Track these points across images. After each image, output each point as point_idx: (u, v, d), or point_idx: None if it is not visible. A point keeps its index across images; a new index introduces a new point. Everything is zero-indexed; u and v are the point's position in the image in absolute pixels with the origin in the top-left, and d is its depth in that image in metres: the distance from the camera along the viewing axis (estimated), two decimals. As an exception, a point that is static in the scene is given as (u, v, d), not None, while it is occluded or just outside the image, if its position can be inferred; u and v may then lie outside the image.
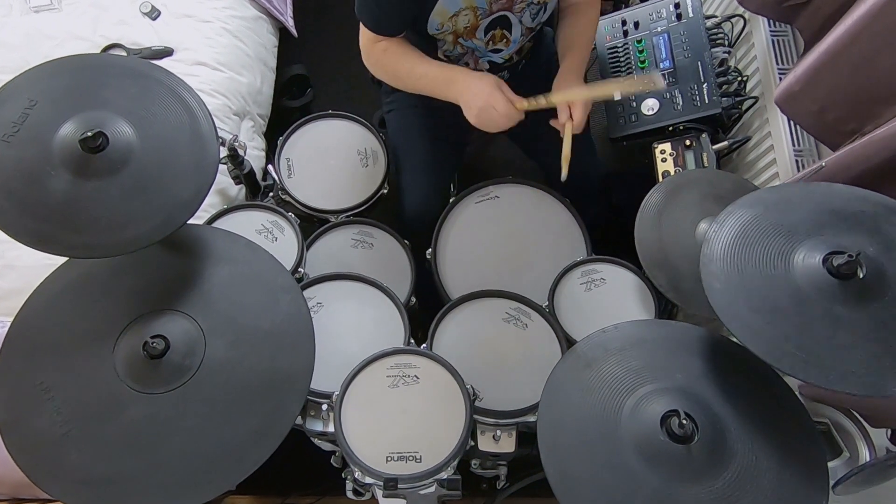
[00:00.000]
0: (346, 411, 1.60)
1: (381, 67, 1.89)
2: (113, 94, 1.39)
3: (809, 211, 1.28)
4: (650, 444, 1.17)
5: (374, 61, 1.88)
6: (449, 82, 1.78)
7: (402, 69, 1.85)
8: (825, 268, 1.16)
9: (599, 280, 1.92)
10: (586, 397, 1.27)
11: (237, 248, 1.52)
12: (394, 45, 1.84)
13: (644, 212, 1.73)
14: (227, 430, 1.30)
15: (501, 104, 1.69)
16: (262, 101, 2.65)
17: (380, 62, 1.87)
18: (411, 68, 1.84)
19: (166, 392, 1.31)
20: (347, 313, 1.86)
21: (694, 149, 1.96)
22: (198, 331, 1.37)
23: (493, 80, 1.73)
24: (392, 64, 1.86)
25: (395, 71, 1.87)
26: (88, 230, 1.29)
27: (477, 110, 1.72)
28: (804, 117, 1.69)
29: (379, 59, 1.86)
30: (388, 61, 1.86)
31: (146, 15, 2.44)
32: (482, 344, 1.81)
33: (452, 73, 1.80)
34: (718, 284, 1.21)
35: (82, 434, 1.28)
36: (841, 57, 1.52)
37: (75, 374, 1.33)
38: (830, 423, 1.51)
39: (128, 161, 1.33)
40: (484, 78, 1.74)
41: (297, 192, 2.09)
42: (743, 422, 1.20)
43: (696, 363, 1.31)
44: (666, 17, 2.18)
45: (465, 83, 1.75)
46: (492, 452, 1.69)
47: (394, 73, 1.88)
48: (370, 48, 1.85)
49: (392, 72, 1.88)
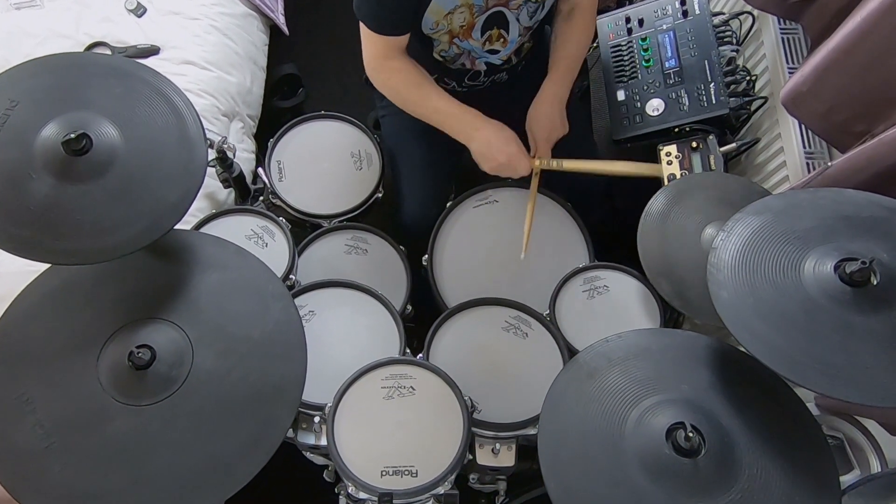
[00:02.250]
0: (340, 424, 1.60)
1: (390, 88, 1.91)
2: (97, 94, 1.39)
3: (820, 217, 1.28)
4: (655, 458, 1.17)
5: (384, 80, 1.90)
6: (466, 127, 1.86)
7: (413, 95, 1.90)
8: (837, 275, 1.16)
9: (602, 287, 1.92)
10: (589, 409, 1.27)
11: (226, 255, 1.52)
12: (407, 68, 1.85)
13: (648, 217, 1.73)
14: (215, 443, 1.30)
15: (524, 166, 1.86)
16: (252, 101, 2.65)
17: (389, 82, 1.89)
18: (425, 99, 1.89)
19: (152, 404, 1.30)
20: (340, 322, 1.86)
21: (701, 151, 1.96)
22: (185, 340, 1.37)
23: (514, 137, 1.83)
24: (403, 89, 1.90)
25: (406, 96, 1.91)
26: (71, 235, 1.29)
27: (497, 165, 1.84)
28: (812, 118, 1.69)
29: (389, 79, 1.88)
30: (399, 85, 1.89)
31: (131, 12, 2.45)
32: (480, 354, 1.81)
33: (471, 119, 1.85)
34: (726, 294, 1.22)
35: (65, 448, 1.27)
36: (849, 55, 1.52)
37: (58, 386, 1.32)
38: (844, 437, 1.51)
39: (112, 164, 1.33)
40: (503, 132, 1.85)
41: (288, 195, 2.09)
42: (752, 435, 1.20)
43: (703, 374, 1.31)
44: (671, 14, 2.18)
45: (485, 136, 1.84)
46: (491, 466, 1.69)
47: (404, 98, 1.91)
48: (381, 65, 1.86)
49: (402, 96, 1.91)
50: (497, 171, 1.86)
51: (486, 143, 1.83)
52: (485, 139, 1.83)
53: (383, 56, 1.83)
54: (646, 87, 2.11)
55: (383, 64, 1.84)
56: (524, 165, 1.84)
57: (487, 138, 1.82)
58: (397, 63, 1.84)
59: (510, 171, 1.86)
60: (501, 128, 1.85)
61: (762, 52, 2.07)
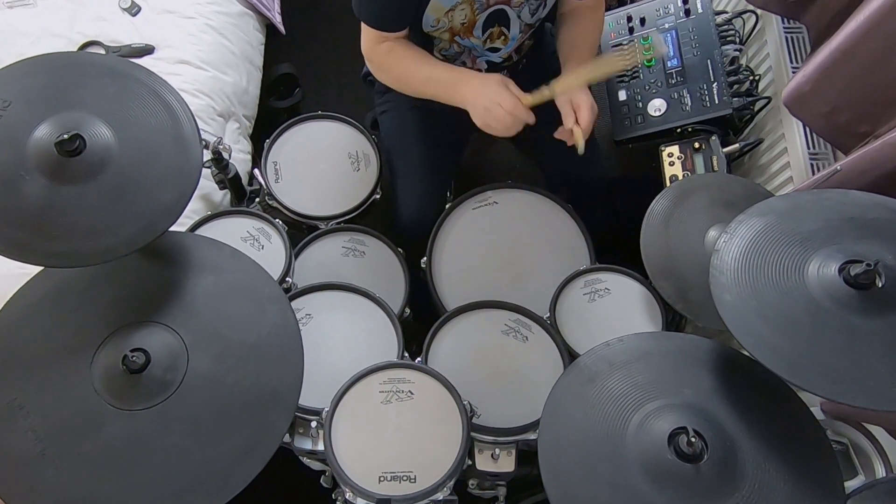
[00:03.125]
0: (337, 429, 1.60)
1: (385, 70, 1.90)
2: (91, 94, 1.39)
3: (824, 219, 1.28)
4: (657, 464, 1.17)
5: (378, 64, 1.89)
6: (456, 84, 1.79)
7: (406, 72, 1.87)
8: (842, 277, 1.16)
9: (603, 290, 1.92)
10: (590, 414, 1.27)
11: (222, 257, 1.52)
12: (398, 47, 1.84)
13: (650, 218, 1.74)
14: (210, 448, 1.30)
15: (508, 101, 1.68)
16: (247, 101, 2.65)
17: (383, 65, 1.88)
18: (416, 70, 1.85)
19: (147, 408, 1.30)
20: (338, 325, 1.86)
21: (703, 152, 1.96)
22: (180, 344, 1.37)
23: (499, 77, 1.73)
24: (396, 66, 1.87)
25: (399, 74, 1.88)
26: (65, 238, 1.29)
27: (483, 110, 1.70)
28: (814, 119, 1.69)
29: (382, 62, 1.87)
30: (392, 64, 1.86)
31: (126, 11, 2.45)
32: (480, 357, 1.81)
33: (459, 75, 1.80)
34: (729, 297, 1.22)
35: (59, 453, 1.27)
36: (853, 55, 1.52)
37: (51, 390, 1.32)
38: (849, 443, 1.51)
39: (106, 165, 1.33)
40: (490, 77, 1.74)
41: (284, 197, 2.09)
42: (755, 440, 1.20)
43: (706, 378, 1.31)
44: (674, 12, 2.18)
45: (472, 84, 1.75)
46: (490, 472, 1.69)
47: (398, 76, 1.90)
48: (373, 50, 1.85)
49: (396, 75, 1.90)
50: (486, 117, 1.70)
51: (473, 89, 1.74)
52: (472, 86, 1.74)
53: (376, 41, 1.83)
54: (647, 86, 2.12)
55: (376, 48, 1.84)
56: (508, 101, 1.67)
57: (474, 85, 1.74)
58: (388, 44, 1.83)
59: (498, 112, 1.68)
60: (490, 74, 1.77)
61: (766, 51, 2.07)
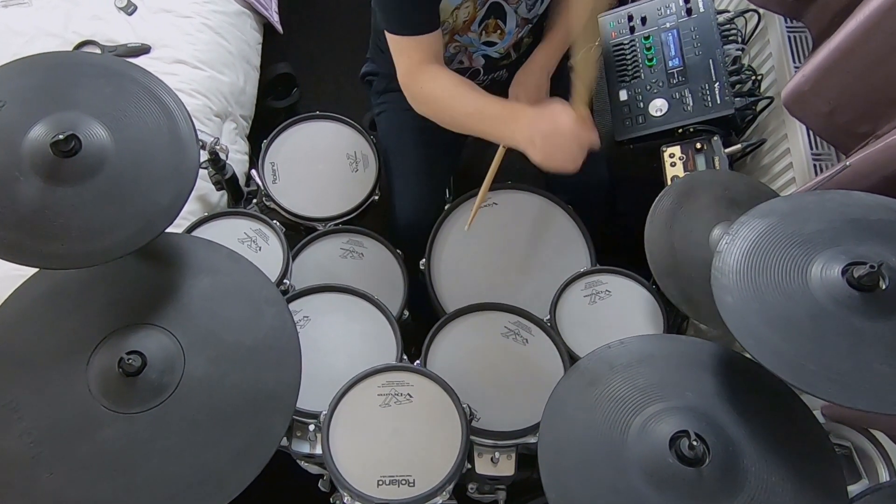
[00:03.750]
0: (335, 432, 1.60)
1: (429, 97, 1.78)
2: (86, 94, 1.39)
3: (827, 220, 1.28)
4: (658, 467, 1.17)
5: (419, 90, 1.77)
6: (508, 117, 1.65)
7: (451, 101, 1.73)
8: (845, 279, 1.16)
9: (604, 292, 1.92)
10: (590, 417, 1.27)
11: (218, 259, 1.52)
12: (444, 73, 1.74)
13: (654, 215, 1.73)
14: (207, 452, 1.30)
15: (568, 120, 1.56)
16: (245, 101, 2.65)
17: (425, 89, 1.76)
18: (463, 101, 1.71)
19: (143, 412, 1.30)
20: (336, 328, 1.86)
21: (705, 152, 1.96)
22: (176, 346, 1.37)
23: (554, 105, 1.59)
24: (441, 94, 1.74)
25: (444, 103, 1.75)
26: (60, 239, 1.29)
27: (541, 139, 1.56)
28: (814, 119, 1.69)
29: (424, 87, 1.75)
30: (438, 91, 1.74)
31: (122, 10, 2.45)
32: (479, 360, 1.81)
33: (513, 108, 1.69)
34: (731, 298, 1.22)
35: (54, 456, 1.27)
36: (853, 55, 1.52)
37: (46, 393, 1.32)
38: (853, 446, 1.51)
39: (102, 166, 1.32)
40: (549, 107, 1.60)
41: (282, 198, 2.09)
42: (757, 443, 1.20)
43: (708, 381, 1.31)
44: (675, 12, 2.18)
45: (527, 114, 1.61)
46: (490, 476, 1.69)
47: (442, 105, 1.76)
48: (415, 76, 1.74)
49: (440, 105, 1.77)
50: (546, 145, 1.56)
51: (529, 119, 1.59)
52: (529, 117, 1.59)
53: (418, 62, 1.73)
54: (649, 86, 2.12)
55: (418, 73, 1.74)
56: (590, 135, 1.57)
57: (531, 115, 1.59)
58: (435, 69, 1.74)
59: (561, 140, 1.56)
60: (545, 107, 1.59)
61: (768, 50, 2.07)
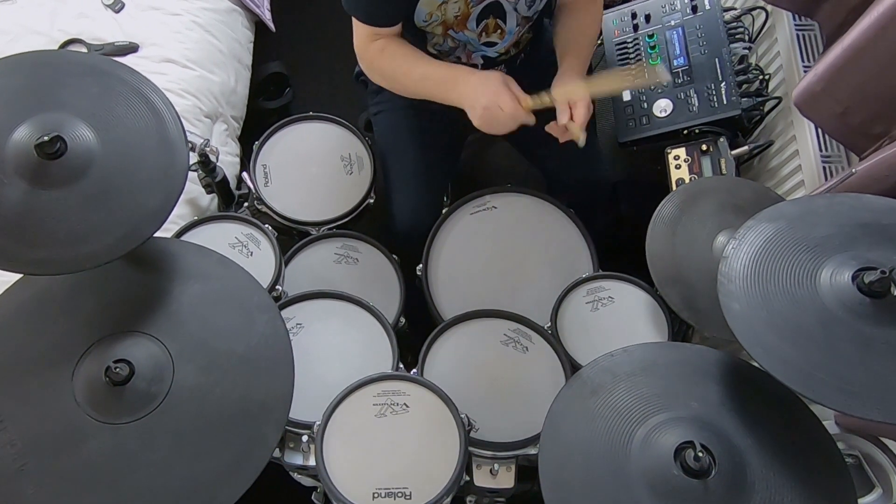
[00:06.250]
0: (329, 443, 1.60)
1: (378, 70, 1.89)
2: (72, 94, 1.39)
3: (837, 224, 1.28)
4: (663, 479, 1.17)
5: (370, 63, 1.88)
6: (453, 82, 1.77)
7: (399, 71, 1.85)
8: (855, 285, 1.16)
9: (607, 299, 1.92)
10: (592, 428, 1.27)
11: (209, 264, 1.52)
12: (392, 45, 1.83)
13: (657, 223, 1.74)
14: (197, 464, 1.30)
15: (508, 103, 1.67)
16: (236, 101, 2.65)
17: (375, 63, 1.87)
18: (410, 69, 1.84)
19: (131, 422, 1.30)
20: (330, 335, 1.86)
21: (711, 154, 1.97)
22: (165, 355, 1.37)
23: (500, 76, 1.72)
24: (389, 65, 1.86)
25: (393, 73, 1.87)
26: (45, 244, 1.29)
27: (481, 109, 1.69)
28: (827, 119, 1.69)
29: (374, 61, 1.86)
30: (386, 63, 1.85)
31: (109, 7, 2.45)
32: (478, 369, 1.81)
33: (456, 73, 1.79)
34: (738, 305, 1.21)
35: (39, 468, 1.27)
36: (867, 54, 1.52)
37: (31, 403, 1.32)
38: (861, 455, 1.51)
39: (88, 168, 1.32)
40: (491, 75, 1.73)
41: (274, 201, 2.09)
42: (764, 454, 1.20)
43: (714, 390, 1.31)
44: (680, 9, 2.19)
45: (470, 82, 1.74)
46: (489, 488, 1.69)
47: (391, 75, 1.88)
48: (365, 48, 1.84)
49: (389, 74, 1.88)
50: (484, 117, 1.70)
51: (471, 87, 1.73)
52: (471, 85, 1.73)
53: (369, 38, 1.82)
54: (653, 86, 2.12)
55: (369, 46, 1.83)
56: (508, 103, 1.67)
57: (473, 83, 1.73)
58: (382, 41, 1.83)
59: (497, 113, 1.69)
60: (490, 72, 1.75)
61: (776, 49, 2.07)
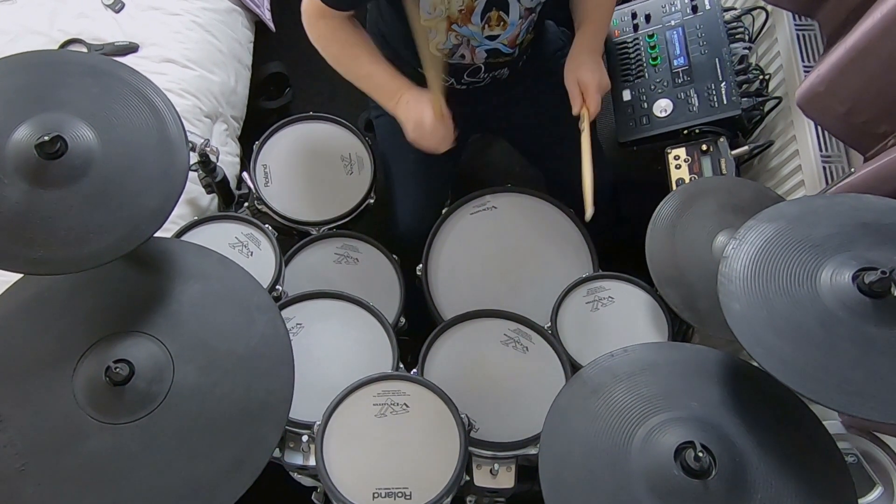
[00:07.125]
0: (329, 443, 1.60)
1: (323, 44, 1.89)
2: (72, 94, 1.39)
3: (837, 224, 1.28)
4: (663, 479, 1.17)
5: (318, 35, 1.88)
6: (392, 93, 1.85)
7: (347, 58, 1.90)
8: (856, 285, 1.16)
9: (607, 299, 1.93)
10: (593, 428, 1.27)
11: (209, 264, 1.52)
12: (347, 29, 1.85)
13: (656, 223, 1.74)
14: (197, 464, 1.30)
15: (429, 121, 1.76)
16: (236, 101, 2.65)
17: (323, 37, 1.88)
18: (357, 63, 1.89)
19: (131, 422, 1.30)
20: (330, 335, 1.86)
21: (711, 154, 1.96)
22: (165, 355, 1.37)
23: (428, 95, 1.77)
24: (337, 48, 1.88)
25: (339, 57, 1.90)
26: (45, 244, 1.29)
27: (412, 124, 1.79)
28: (830, 120, 1.69)
29: (322, 35, 1.88)
30: (336, 47, 1.88)
31: (109, 7, 2.45)
32: (478, 369, 1.81)
33: (398, 86, 1.85)
34: (738, 305, 1.22)
35: (39, 468, 1.27)
36: (869, 53, 1.52)
37: (31, 403, 1.32)
38: (859, 453, 1.51)
39: (89, 168, 1.32)
40: (423, 93, 1.80)
41: (274, 201, 2.10)
42: (765, 454, 1.20)
43: (714, 390, 1.31)
44: (680, 9, 2.19)
45: (405, 99, 1.82)
46: (489, 488, 1.69)
47: (336, 57, 1.90)
48: (314, 21, 1.85)
49: (334, 54, 1.90)
50: (416, 132, 1.81)
51: (405, 104, 1.82)
52: (405, 101, 1.82)
53: (318, 13, 1.82)
54: (653, 86, 2.12)
55: (319, 20, 1.84)
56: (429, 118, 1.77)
57: (406, 99, 1.82)
58: (337, 23, 1.84)
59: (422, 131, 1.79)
60: (424, 91, 1.81)
61: (776, 49, 2.08)
